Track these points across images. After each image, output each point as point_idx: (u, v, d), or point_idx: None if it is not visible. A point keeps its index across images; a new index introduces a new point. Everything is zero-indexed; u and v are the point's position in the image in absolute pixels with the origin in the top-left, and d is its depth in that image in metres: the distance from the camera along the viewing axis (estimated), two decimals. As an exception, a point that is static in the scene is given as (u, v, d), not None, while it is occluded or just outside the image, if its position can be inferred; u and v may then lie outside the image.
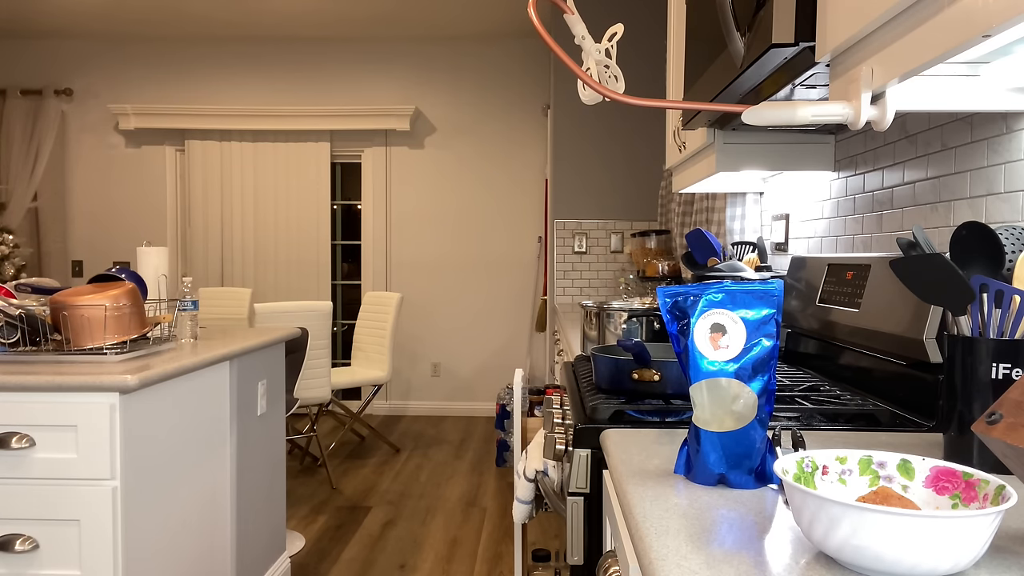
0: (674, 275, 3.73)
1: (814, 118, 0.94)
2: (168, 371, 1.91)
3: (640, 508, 0.80)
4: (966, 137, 1.31)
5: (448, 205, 5.79)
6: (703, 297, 0.90)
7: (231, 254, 5.77)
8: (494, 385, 5.88)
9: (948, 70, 0.96)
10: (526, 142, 5.77)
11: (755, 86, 1.23)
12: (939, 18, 0.74)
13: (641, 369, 1.31)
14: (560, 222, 4.62)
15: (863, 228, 1.72)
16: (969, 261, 0.98)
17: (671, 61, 2.26)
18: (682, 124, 1.87)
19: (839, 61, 0.97)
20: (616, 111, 4.57)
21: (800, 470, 0.73)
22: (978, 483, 0.68)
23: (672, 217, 3.84)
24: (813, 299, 1.71)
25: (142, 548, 1.88)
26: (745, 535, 0.72)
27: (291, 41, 5.77)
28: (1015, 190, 1.18)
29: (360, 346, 4.70)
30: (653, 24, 4.33)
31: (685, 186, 2.26)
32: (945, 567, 0.60)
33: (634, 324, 1.89)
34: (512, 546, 3.26)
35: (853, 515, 0.60)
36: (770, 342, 0.88)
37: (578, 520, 1.21)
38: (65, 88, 5.76)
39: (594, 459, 1.19)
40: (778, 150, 1.84)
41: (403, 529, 3.48)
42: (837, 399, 1.34)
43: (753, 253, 2.21)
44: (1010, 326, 0.90)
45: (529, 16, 0.98)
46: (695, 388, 0.89)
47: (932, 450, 1.03)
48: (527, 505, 1.83)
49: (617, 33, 1.12)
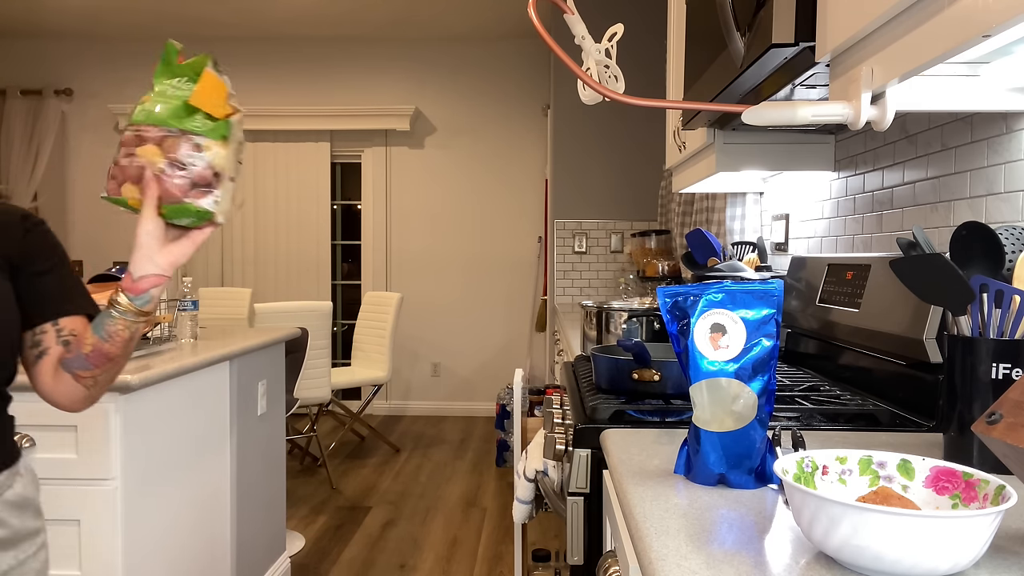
0: (674, 275, 3.73)
1: (814, 118, 0.94)
2: (168, 371, 1.91)
3: (640, 508, 0.80)
4: (966, 137, 1.31)
5: (448, 205, 5.79)
6: (703, 297, 0.90)
7: (231, 254, 5.77)
8: (494, 385, 5.88)
9: (948, 70, 0.96)
10: (526, 142, 5.76)
11: (755, 86, 1.23)
12: (939, 18, 0.74)
13: (641, 369, 1.31)
14: (560, 222, 4.62)
15: (863, 228, 1.72)
16: (969, 261, 0.98)
17: (671, 61, 2.26)
18: (682, 124, 1.87)
19: (839, 61, 0.97)
20: (616, 111, 4.57)
21: (800, 470, 0.73)
22: (978, 483, 0.68)
23: (672, 217, 3.84)
24: (813, 299, 1.71)
25: (142, 548, 1.88)
26: (745, 535, 0.72)
27: (291, 41, 5.77)
28: (1015, 190, 1.18)
29: (360, 346, 4.70)
30: (653, 24, 4.33)
31: (685, 186, 2.26)
32: (945, 567, 0.60)
33: (634, 324, 1.89)
34: (512, 546, 3.26)
35: (853, 515, 0.60)
36: (770, 342, 0.88)
37: (578, 520, 1.21)
38: (65, 88, 5.76)
39: (594, 459, 1.19)
40: (778, 150, 1.84)
41: (403, 529, 3.48)
42: (837, 399, 1.34)
43: (753, 253, 2.21)
44: (1010, 326, 0.90)
45: (529, 16, 0.98)
46: (695, 388, 0.89)
47: (932, 450, 1.03)
48: (527, 505, 1.83)
49: (617, 33, 1.12)
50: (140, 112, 1.02)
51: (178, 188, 1.00)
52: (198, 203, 1.01)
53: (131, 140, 1.01)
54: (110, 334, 1.06)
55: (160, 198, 1.00)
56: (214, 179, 1.02)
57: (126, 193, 1.02)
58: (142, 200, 1.01)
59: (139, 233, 1.02)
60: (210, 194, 1.02)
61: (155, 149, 1.00)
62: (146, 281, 1.04)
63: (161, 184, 1.00)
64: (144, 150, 1.00)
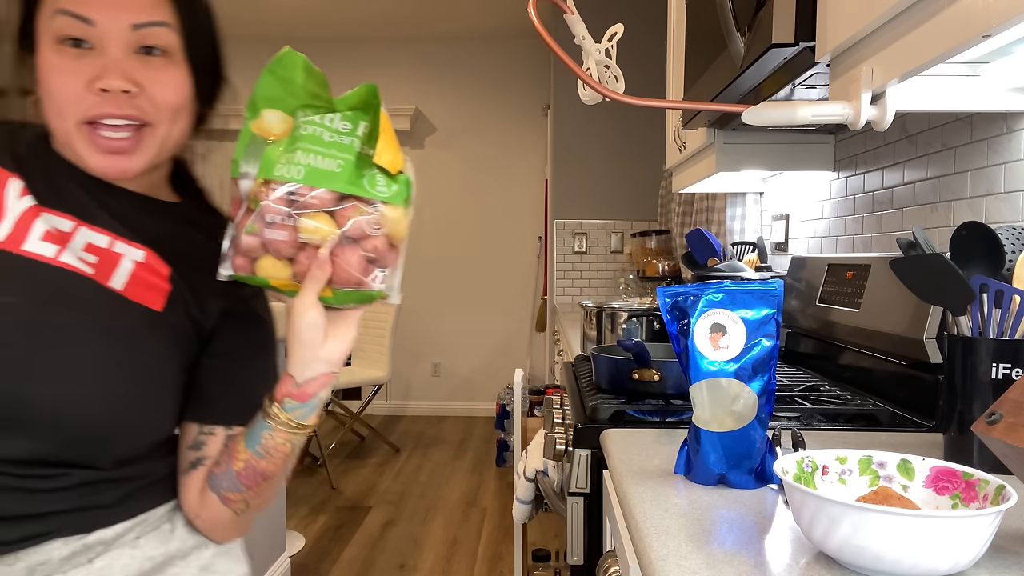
0: (674, 275, 3.73)
1: (814, 118, 0.94)
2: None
3: (640, 508, 0.80)
4: (966, 137, 1.31)
5: (448, 205, 5.79)
6: (703, 297, 0.90)
7: (231, 254, 5.76)
8: (494, 385, 5.88)
9: (948, 70, 0.96)
10: (526, 142, 5.76)
11: (755, 86, 1.23)
12: (939, 18, 0.74)
13: (641, 369, 1.31)
14: (560, 222, 4.62)
15: (863, 228, 1.72)
16: (969, 261, 0.98)
17: (671, 61, 2.26)
18: (682, 124, 1.87)
19: (839, 61, 0.97)
20: (616, 111, 4.56)
21: (800, 470, 0.73)
22: (978, 483, 0.68)
23: (672, 217, 3.84)
24: (813, 299, 1.71)
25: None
26: (745, 535, 0.72)
27: (291, 41, 5.74)
28: (1015, 190, 1.18)
29: (360, 346, 4.70)
30: (653, 24, 4.33)
31: (685, 186, 2.26)
32: (945, 567, 0.60)
33: (634, 324, 1.89)
34: (512, 546, 3.26)
35: (853, 515, 0.60)
36: (770, 342, 0.88)
37: (578, 520, 1.21)
38: (65, 88, 5.75)
39: (594, 459, 1.19)
40: (778, 150, 1.84)
41: (403, 529, 3.48)
42: (837, 399, 1.34)
43: (753, 253, 2.21)
44: (1010, 326, 0.90)
45: (529, 16, 0.97)
46: (695, 388, 0.89)
47: (932, 450, 1.03)
48: (527, 505, 1.83)
49: (617, 33, 1.12)
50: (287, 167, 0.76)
51: (356, 268, 0.78)
52: (374, 285, 0.80)
53: (282, 205, 0.75)
54: (268, 449, 0.83)
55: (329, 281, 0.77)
56: (390, 253, 0.80)
57: (265, 272, 0.78)
58: (295, 281, 0.78)
59: (298, 326, 0.78)
60: (385, 271, 0.80)
61: (328, 219, 0.76)
62: (314, 384, 0.81)
63: (335, 265, 0.77)
64: (314, 220, 0.76)
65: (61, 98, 0.78)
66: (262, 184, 0.76)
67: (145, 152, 0.81)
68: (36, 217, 0.80)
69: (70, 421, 0.76)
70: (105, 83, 0.77)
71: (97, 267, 0.81)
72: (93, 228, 0.82)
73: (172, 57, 0.82)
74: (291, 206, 0.75)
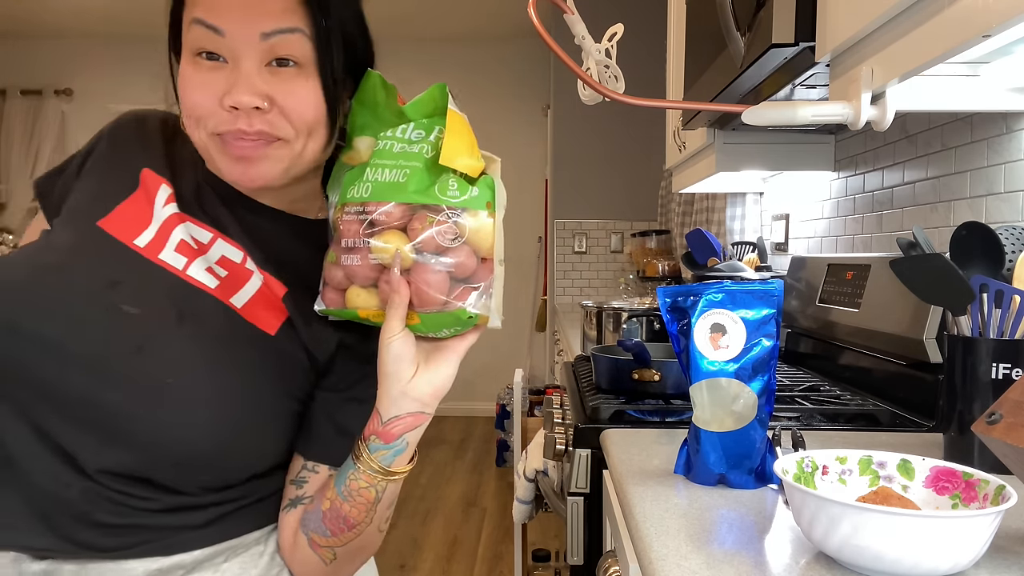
0: (674, 275, 3.73)
1: (814, 118, 0.94)
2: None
3: (640, 508, 0.80)
4: (966, 137, 1.31)
5: (448, 205, 5.79)
6: (703, 297, 0.90)
7: (231, 254, 5.77)
8: (494, 385, 5.88)
9: (948, 70, 0.96)
10: (526, 142, 5.76)
11: (755, 86, 1.23)
12: (939, 18, 0.74)
13: (641, 369, 1.31)
14: (560, 222, 4.62)
15: (863, 228, 1.72)
16: (969, 261, 0.98)
17: (671, 61, 2.26)
18: (682, 124, 1.88)
19: (839, 61, 0.97)
20: (616, 111, 4.56)
21: (800, 470, 0.73)
22: (978, 483, 0.68)
23: (672, 217, 3.84)
24: (813, 299, 1.71)
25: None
26: (745, 535, 0.72)
27: (291, 41, 5.77)
28: (1015, 190, 1.18)
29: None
30: (653, 24, 4.32)
31: (685, 186, 2.26)
32: (945, 567, 0.60)
33: (634, 324, 1.89)
34: (512, 546, 3.26)
35: (853, 515, 0.60)
36: (770, 342, 0.88)
37: (578, 520, 1.21)
38: (65, 88, 5.75)
39: (594, 459, 1.19)
40: (778, 150, 1.84)
41: (403, 529, 3.48)
42: (837, 399, 1.34)
43: (753, 253, 2.21)
44: (1010, 326, 0.90)
45: (529, 16, 0.97)
46: (695, 388, 0.89)
47: (932, 450, 1.03)
48: (527, 505, 1.83)
49: (617, 33, 1.12)
50: (357, 186, 0.72)
51: (437, 287, 0.70)
52: (465, 306, 0.72)
53: (353, 227, 0.71)
54: (351, 492, 0.76)
55: (412, 304, 0.71)
56: (480, 267, 0.73)
57: (353, 303, 0.73)
58: (381, 310, 0.73)
59: (383, 357, 0.73)
60: (476, 289, 0.72)
61: (400, 236, 0.70)
62: (400, 423, 0.75)
63: (413, 285, 0.71)
64: (384, 239, 0.70)
65: (196, 112, 0.76)
66: (339, 210, 0.74)
67: (275, 162, 0.76)
68: (177, 225, 0.79)
69: (176, 442, 0.73)
70: (235, 100, 0.73)
71: (224, 282, 0.79)
72: (229, 241, 0.81)
73: (305, 68, 0.75)
74: (362, 226, 0.71)
